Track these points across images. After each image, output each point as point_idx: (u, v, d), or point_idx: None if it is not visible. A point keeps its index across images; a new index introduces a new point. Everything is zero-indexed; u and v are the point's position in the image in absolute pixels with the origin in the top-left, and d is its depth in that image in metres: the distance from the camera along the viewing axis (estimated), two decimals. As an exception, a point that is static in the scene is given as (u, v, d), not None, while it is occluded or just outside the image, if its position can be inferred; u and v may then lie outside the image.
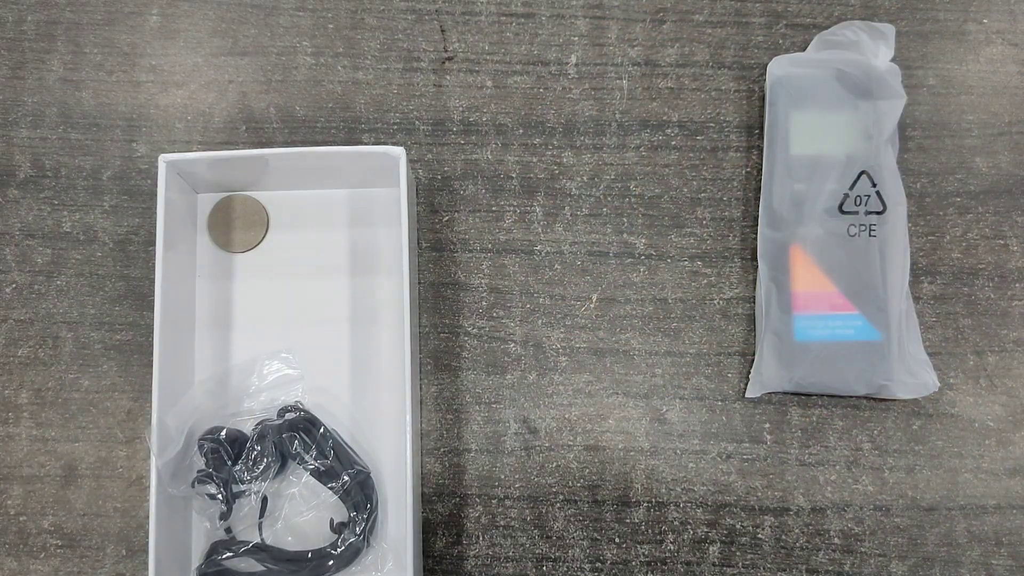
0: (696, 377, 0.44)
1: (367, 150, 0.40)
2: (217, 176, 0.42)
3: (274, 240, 0.44)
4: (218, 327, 0.43)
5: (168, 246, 0.40)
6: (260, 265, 0.44)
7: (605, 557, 0.42)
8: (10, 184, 0.46)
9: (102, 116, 0.46)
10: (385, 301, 0.43)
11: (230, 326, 0.43)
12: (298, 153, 0.40)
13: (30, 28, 0.47)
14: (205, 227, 0.44)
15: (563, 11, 0.47)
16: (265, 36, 0.47)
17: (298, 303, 0.43)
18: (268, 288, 0.44)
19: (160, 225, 0.39)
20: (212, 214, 0.44)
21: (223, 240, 0.44)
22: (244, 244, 0.44)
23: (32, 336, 0.44)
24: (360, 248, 0.44)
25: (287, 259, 0.44)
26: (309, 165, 0.41)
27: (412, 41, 0.47)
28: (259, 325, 0.43)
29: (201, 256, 0.44)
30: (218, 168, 0.41)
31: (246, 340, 0.43)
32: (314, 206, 0.44)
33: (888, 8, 0.47)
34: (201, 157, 0.40)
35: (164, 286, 0.39)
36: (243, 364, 0.42)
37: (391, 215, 0.43)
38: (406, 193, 0.39)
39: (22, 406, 0.44)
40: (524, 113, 0.46)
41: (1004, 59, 0.46)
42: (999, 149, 0.45)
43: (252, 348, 0.43)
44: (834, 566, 0.42)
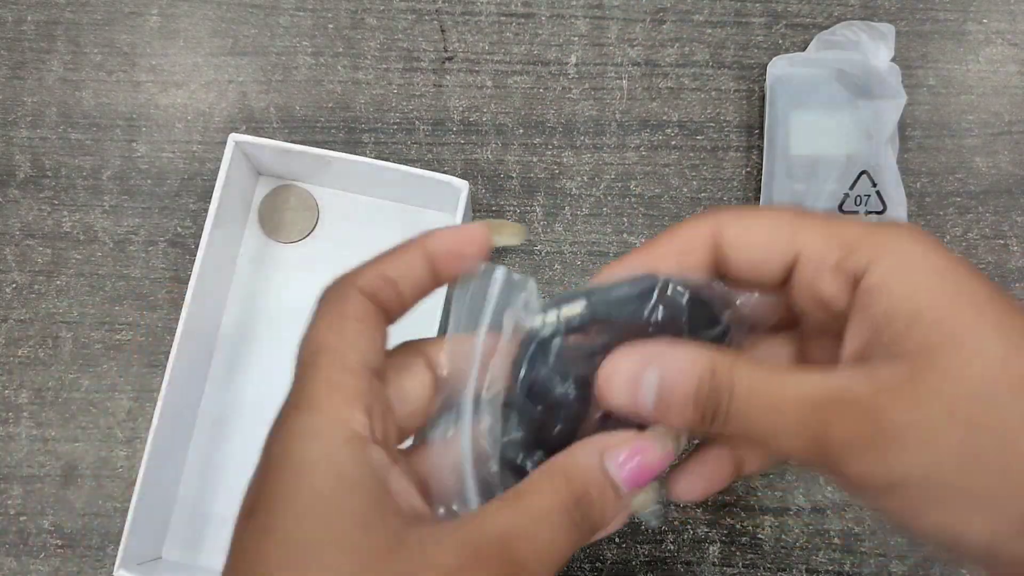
0: (696, 377, 0.43)
1: (432, 176, 0.40)
2: (279, 165, 0.43)
3: (321, 236, 0.45)
4: (247, 313, 0.44)
5: (218, 224, 0.40)
6: (301, 258, 0.44)
7: (605, 557, 0.42)
8: (10, 184, 0.46)
9: (102, 116, 0.46)
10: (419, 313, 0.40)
11: (257, 315, 0.44)
12: (364, 163, 0.40)
13: (30, 28, 0.47)
14: (257, 211, 0.45)
15: (563, 11, 0.47)
16: (265, 36, 0.47)
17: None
18: (304, 281, 0.44)
19: (216, 200, 0.40)
20: (265, 200, 0.45)
21: (271, 227, 0.44)
22: (291, 235, 0.44)
23: (32, 336, 0.44)
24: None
25: (329, 257, 0.44)
26: (370, 174, 0.41)
27: (412, 41, 0.47)
28: (288, 317, 0.43)
29: (247, 239, 0.45)
30: (281, 158, 0.42)
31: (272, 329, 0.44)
32: (366, 211, 0.45)
33: (888, 8, 0.47)
34: (267, 144, 0.41)
35: (204, 261, 0.40)
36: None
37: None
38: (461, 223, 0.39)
39: (22, 406, 0.44)
40: (524, 113, 0.46)
41: (1004, 59, 0.46)
42: (999, 149, 0.45)
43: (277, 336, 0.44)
44: (834, 566, 0.42)
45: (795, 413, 0.21)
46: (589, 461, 0.23)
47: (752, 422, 0.21)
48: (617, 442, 0.23)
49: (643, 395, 0.22)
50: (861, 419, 0.20)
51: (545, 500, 0.22)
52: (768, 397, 0.21)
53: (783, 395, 0.21)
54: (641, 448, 0.23)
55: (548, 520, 0.21)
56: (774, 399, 0.21)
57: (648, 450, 0.23)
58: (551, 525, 0.21)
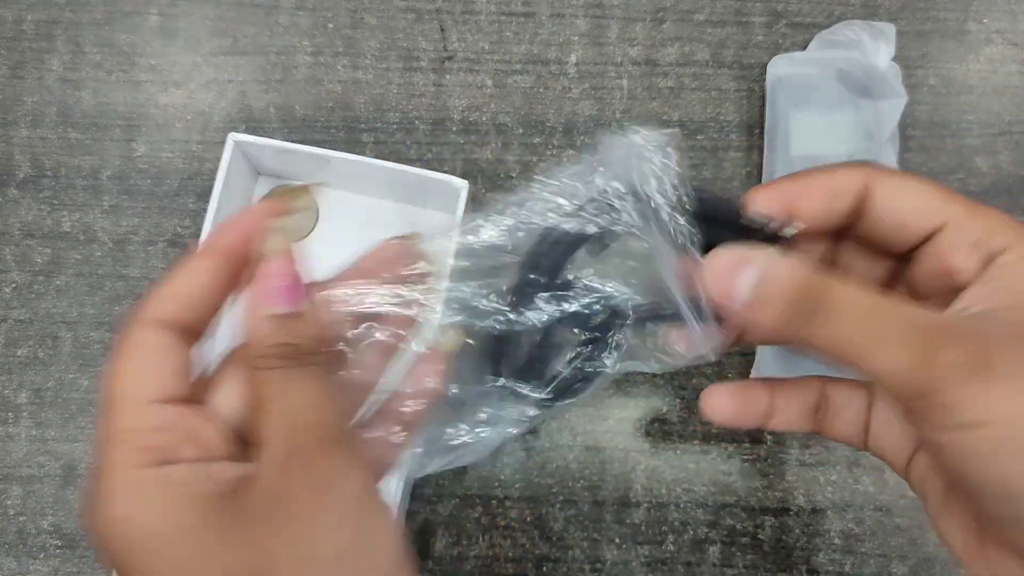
0: (696, 377, 0.43)
1: (431, 176, 0.40)
2: (278, 165, 0.43)
3: (319, 236, 0.44)
4: None
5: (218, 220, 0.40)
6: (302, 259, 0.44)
7: (605, 558, 0.42)
8: (10, 184, 0.46)
9: (101, 116, 0.46)
10: None
11: None
12: (362, 163, 0.40)
13: (29, 28, 0.47)
14: None
15: (563, 10, 0.47)
16: (264, 35, 0.47)
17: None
18: None
19: (215, 199, 0.40)
20: (265, 200, 0.44)
21: None
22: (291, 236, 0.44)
23: (31, 336, 0.44)
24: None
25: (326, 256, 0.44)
26: (369, 173, 0.41)
27: (412, 40, 0.47)
28: None
29: None
30: (280, 157, 0.42)
31: None
32: (365, 211, 0.44)
33: (888, 7, 0.47)
34: (267, 144, 0.40)
35: None
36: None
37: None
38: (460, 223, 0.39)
39: (21, 406, 0.44)
40: (524, 112, 0.46)
41: (1004, 59, 0.46)
42: (999, 149, 0.45)
43: None
44: (834, 566, 0.42)
45: (903, 331, 0.21)
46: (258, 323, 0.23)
47: (849, 332, 0.22)
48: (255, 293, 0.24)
49: (739, 288, 0.22)
50: (975, 350, 0.21)
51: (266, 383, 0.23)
52: (872, 311, 0.22)
53: (891, 312, 0.22)
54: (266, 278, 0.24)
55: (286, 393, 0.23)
56: (879, 314, 0.22)
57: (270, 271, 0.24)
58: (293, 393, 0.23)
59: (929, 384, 0.21)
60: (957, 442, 0.21)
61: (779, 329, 0.22)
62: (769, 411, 0.28)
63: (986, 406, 0.20)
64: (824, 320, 0.22)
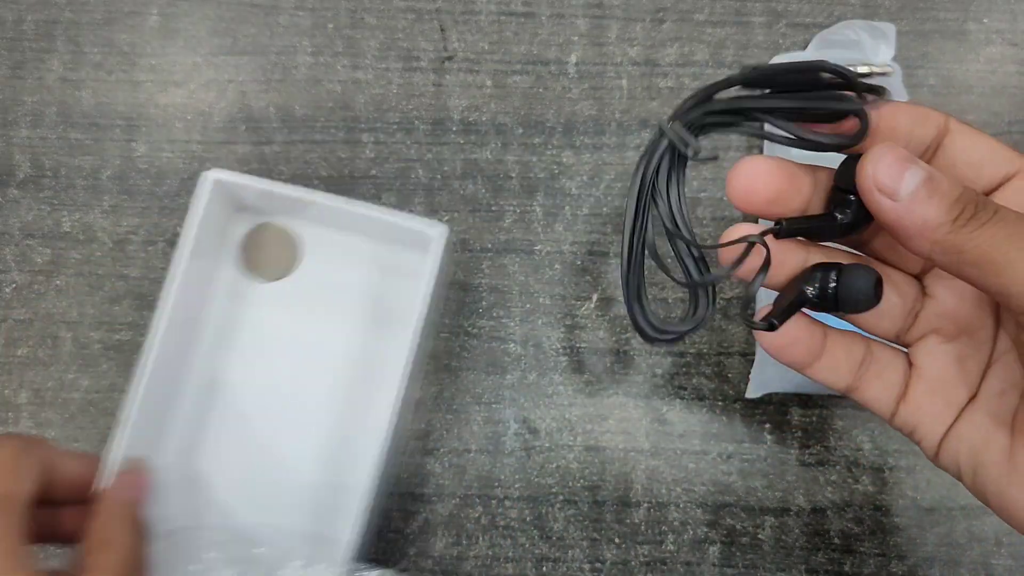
0: (696, 377, 0.43)
1: (409, 224, 0.39)
2: (260, 202, 0.42)
3: (301, 274, 0.43)
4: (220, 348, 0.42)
5: (193, 258, 0.39)
6: (280, 296, 0.43)
7: (605, 557, 0.42)
8: (10, 184, 0.46)
9: (101, 115, 0.46)
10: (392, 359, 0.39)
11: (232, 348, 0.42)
12: (344, 208, 0.39)
13: (29, 28, 0.47)
14: (238, 249, 0.43)
15: (563, 10, 0.47)
16: (264, 35, 0.47)
17: (304, 342, 0.42)
18: (282, 321, 0.42)
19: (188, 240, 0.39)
20: (247, 238, 0.43)
21: (252, 265, 0.43)
22: (272, 275, 0.43)
23: (32, 336, 0.44)
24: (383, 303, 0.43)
25: (306, 295, 0.43)
26: (352, 214, 0.40)
27: (412, 40, 0.47)
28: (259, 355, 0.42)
29: (222, 276, 0.43)
30: (263, 197, 0.41)
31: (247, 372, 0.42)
32: (348, 250, 0.43)
33: (888, 7, 0.47)
34: (248, 183, 0.39)
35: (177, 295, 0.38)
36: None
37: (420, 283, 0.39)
38: (434, 273, 0.38)
39: (21, 406, 0.44)
40: (524, 113, 0.46)
41: (1004, 59, 0.46)
42: (999, 149, 0.45)
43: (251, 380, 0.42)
44: (834, 566, 0.42)
45: None
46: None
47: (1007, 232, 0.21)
48: None
49: (908, 181, 0.22)
50: None
51: None
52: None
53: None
54: None
55: None
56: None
57: None
58: None
59: None
60: None
61: (939, 224, 0.22)
62: (819, 350, 0.27)
63: None
64: (981, 223, 0.21)
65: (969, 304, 0.27)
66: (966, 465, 0.26)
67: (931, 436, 0.27)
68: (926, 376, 0.27)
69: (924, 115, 0.25)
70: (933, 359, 0.27)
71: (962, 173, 0.25)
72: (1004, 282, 0.21)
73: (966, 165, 0.25)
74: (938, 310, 0.27)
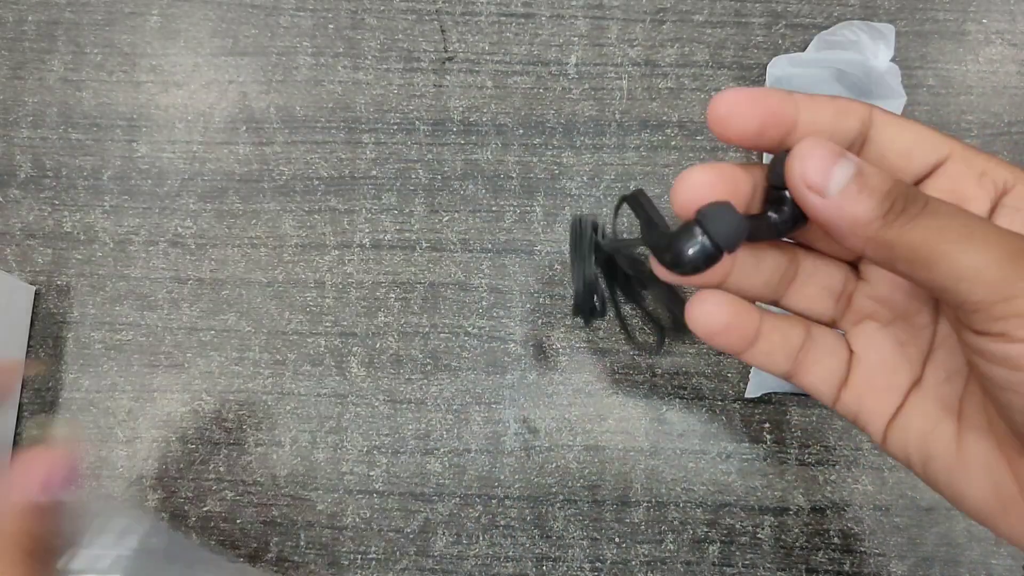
0: (696, 377, 0.44)
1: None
2: None
3: None
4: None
5: None
6: None
7: (605, 557, 0.42)
8: (11, 184, 0.46)
9: (102, 116, 0.46)
10: None
11: None
12: None
13: (30, 28, 0.47)
14: None
15: (563, 11, 0.47)
16: (265, 36, 0.47)
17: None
18: None
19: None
20: None
21: None
22: None
23: (32, 336, 0.44)
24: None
25: None
26: None
27: (412, 41, 0.47)
28: None
29: None
30: None
31: None
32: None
33: (888, 8, 0.47)
34: None
35: None
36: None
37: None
38: None
39: (22, 406, 0.44)
40: (524, 113, 0.46)
41: (1004, 59, 0.46)
42: (999, 149, 0.45)
43: None
44: (834, 566, 0.42)
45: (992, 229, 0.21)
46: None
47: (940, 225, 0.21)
48: None
49: (837, 176, 0.21)
50: None
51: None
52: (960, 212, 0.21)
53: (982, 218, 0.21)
54: None
55: None
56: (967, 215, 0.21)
57: None
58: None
59: (1016, 286, 0.20)
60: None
61: (870, 221, 0.21)
62: (754, 335, 0.26)
63: None
64: (911, 217, 0.21)
65: (903, 290, 0.26)
66: (916, 454, 0.26)
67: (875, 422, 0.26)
68: (865, 362, 0.26)
69: (846, 107, 0.24)
70: (871, 344, 0.27)
71: (893, 163, 0.24)
72: (936, 277, 0.21)
73: (896, 155, 0.24)
74: (871, 294, 0.27)
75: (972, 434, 0.24)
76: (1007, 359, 0.21)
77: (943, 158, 0.24)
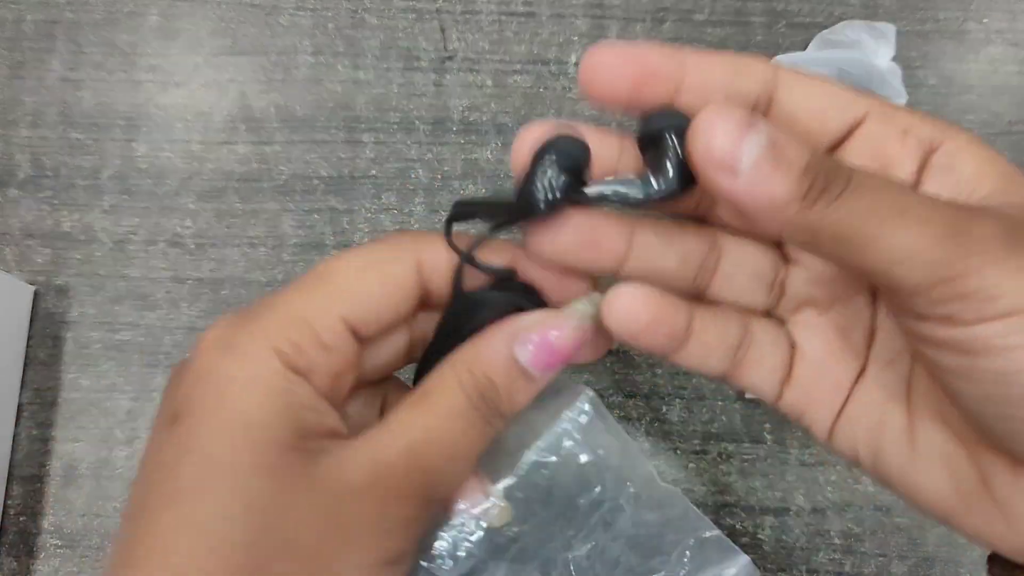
0: (696, 377, 0.43)
1: None
2: None
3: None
4: None
5: None
6: None
7: (605, 557, 0.42)
8: (10, 184, 0.46)
9: (102, 115, 0.46)
10: None
11: None
12: None
13: (29, 28, 0.47)
14: None
15: (563, 10, 0.47)
16: (265, 35, 0.47)
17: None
18: None
19: None
20: None
21: None
22: None
23: (32, 336, 0.44)
24: None
25: None
26: None
27: (412, 40, 0.47)
28: None
29: None
30: None
31: None
32: None
33: (888, 7, 0.47)
34: None
35: None
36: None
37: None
38: None
39: (22, 406, 0.44)
40: (524, 112, 0.46)
41: (1004, 59, 0.46)
42: (1000, 149, 0.45)
43: None
44: (834, 566, 0.42)
45: (927, 204, 0.18)
46: (494, 349, 0.22)
47: (869, 204, 0.18)
48: (527, 325, 0.22)
49: (747, 149, 0.18)
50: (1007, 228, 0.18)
51: (448, 399, 0.21)
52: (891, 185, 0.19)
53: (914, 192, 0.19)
54: (552, 327, 0.21)
55: (453, 420, 0.21)
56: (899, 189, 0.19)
57: (560, 329, 0.21)
58: (457, 425, 0.21)
59: (958, 265, 0.18)
60: (993, 335, 0.18)
61: (788, 203, 0.18)
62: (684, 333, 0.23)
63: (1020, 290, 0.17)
64: (834, 196, 0.18)
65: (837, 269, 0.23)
66: (865, 449, 0.23)
67: (820, 419, 0.24)
68: (808, 355, 0.24)
69: (745, 65, 0.21)
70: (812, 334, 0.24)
71: (805, 127, 0.21)
72: (868, 261, 0.18)
73: (807, 117, 0.21)
74: (804, 276, 0.24)
75: (925, 423, 0.22)
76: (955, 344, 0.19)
77: (860, 117, 0.22)
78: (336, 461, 0.21)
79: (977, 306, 0.18)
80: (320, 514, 0.20)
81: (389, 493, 0.21)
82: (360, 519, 0.20)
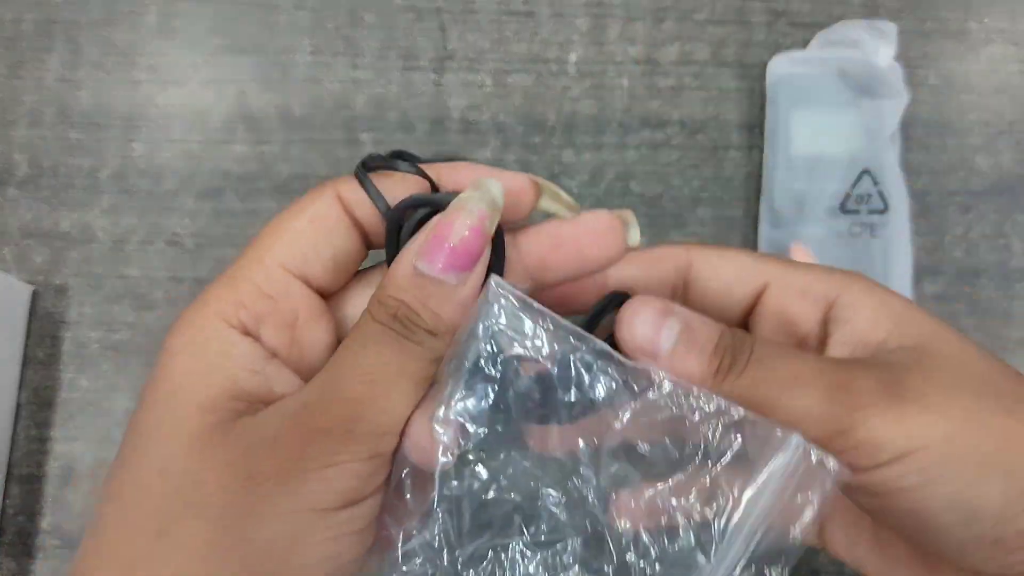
0: (697, 377, 0.43)
1: None
2: None
3: None
4: None
5: None
6: None
7: (605, 557, 0.42)
8: (9, 183, 0.45)
9: (100, 115, 0.46)
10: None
11: None
12: None
13: (28, 27, 0.47)
14: None
15: (563, 9, 0.47)
16: (264, 35, 0.47)
17: None
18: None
19: None
20: None
21: None
22: None
23: (30, 336, 0.44)
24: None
25: None
26: None
27: (411, 39, 0.47)
28: None
29: None
30: None
31: None
32: None
33: (889, 7, 0.47)
34: None
35: None
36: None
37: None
38: None
39: (20, 406, 0.43)
40: (524, 112, 0.46)
41: (1005, 58, 0.46)
42: (1001, 148, 0.45)
43: None
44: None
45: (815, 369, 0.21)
46: (398, 269, 0.22)
47: (767, 375, 0.21)
48: (421, 239, 0.22)
49: (665, 336, 0.21)
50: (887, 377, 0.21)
51: (359, 328, 0.22)
52: (785, 355, 0.22)
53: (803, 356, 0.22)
54: (441, 226, 0.21)
55: (365, 346, 0.21)
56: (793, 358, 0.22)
57: (449, 225, 0.21)
58: (370, 350, 0.21)
59: (846, 419, 0.20)
60: (889, 479, 0.21)
61: (703, 379, 0.21)
62: None
63: (907, 434, 0.20)
64: (740, 370, 0.21)
65: None
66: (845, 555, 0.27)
67: None
68: None
69: (658, 257, 0.25)
70: None
71: (715, 302, 0.25)
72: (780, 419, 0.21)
73: (716, 293, 0.25)
74: None
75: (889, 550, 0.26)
76: (864, 488, 0.21)
77: (764, 284, 0.25)
78: (254, 417, 0.21)
79: (869, 453, 0.20)
80: (228, 471, 0.20)
81: (307, 434, 0.20)
82: (276, 469, 0.20)
